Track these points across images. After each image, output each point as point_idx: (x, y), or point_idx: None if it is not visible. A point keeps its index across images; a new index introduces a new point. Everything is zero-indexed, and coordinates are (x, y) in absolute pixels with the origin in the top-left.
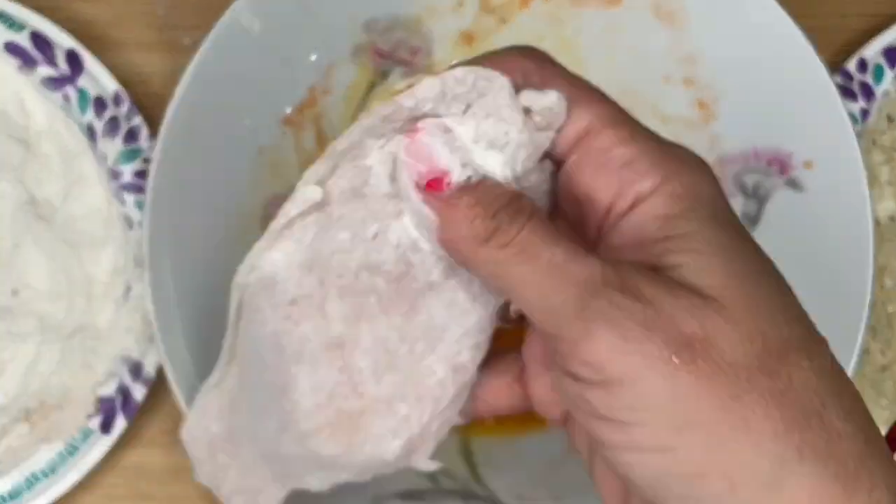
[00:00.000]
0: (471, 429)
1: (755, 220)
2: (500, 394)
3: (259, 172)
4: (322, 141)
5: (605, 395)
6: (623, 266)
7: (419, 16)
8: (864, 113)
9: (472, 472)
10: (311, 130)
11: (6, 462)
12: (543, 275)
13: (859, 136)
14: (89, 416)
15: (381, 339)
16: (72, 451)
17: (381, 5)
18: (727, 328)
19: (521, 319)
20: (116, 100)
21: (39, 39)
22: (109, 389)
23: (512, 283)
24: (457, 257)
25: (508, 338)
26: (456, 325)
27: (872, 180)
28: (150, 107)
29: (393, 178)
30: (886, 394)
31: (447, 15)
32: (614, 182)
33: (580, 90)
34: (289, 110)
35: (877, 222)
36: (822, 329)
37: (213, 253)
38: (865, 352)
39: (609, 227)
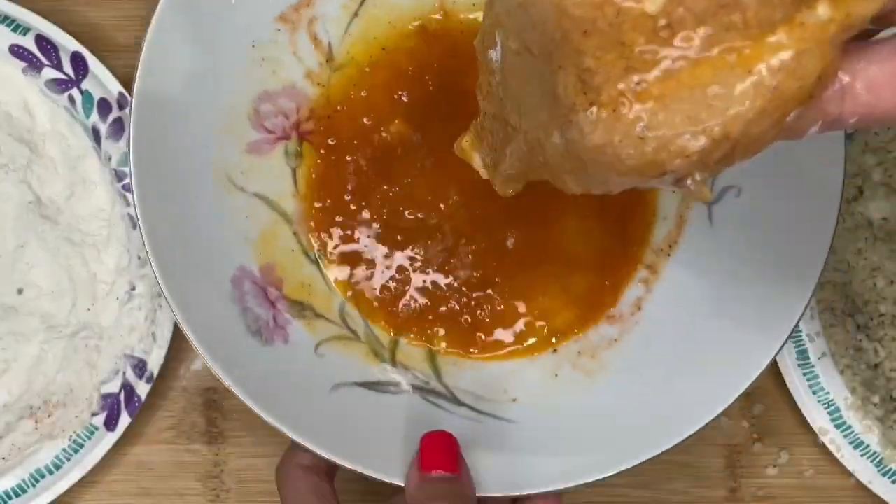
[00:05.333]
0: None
1: None
2: (883, 87)
3: (250, 67)
4: (317, 43)
5: None
6: None
7: None
8: None
9: (435, 373)
10: (306, 31)
11: (11, 459)
12: None
13: (852, 138)
14: (93, 414)
15: None
16: (76, 447)
17: None
18: None
19: None
20: (120, 102)
21: (44, 42)
22: (113, 387)
23: None
24: None
25: None
26: None
27: (865, 181)
28: None
29: None
30: (879, 391)
31: None
32: None
33: None
34: (285, 7)
35: (869, 222)
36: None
37: (201, 144)
38: (859, 350)
39: None
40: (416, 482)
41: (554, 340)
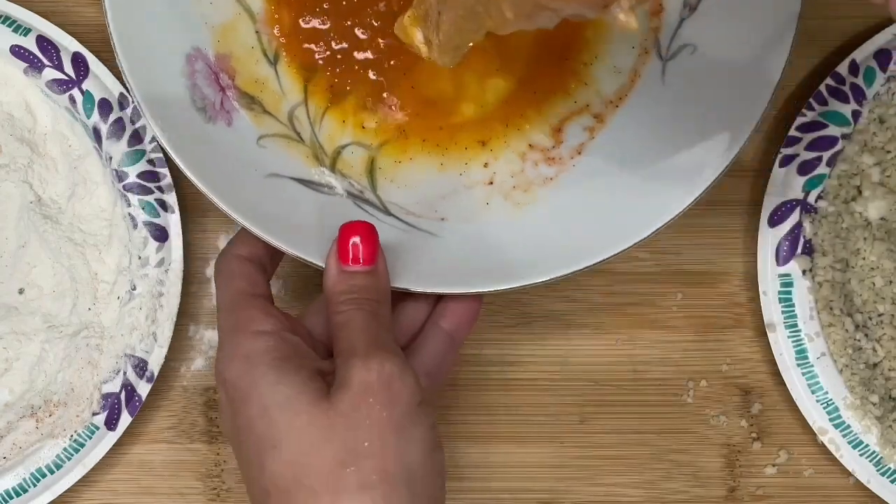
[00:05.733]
0: (382, 148)
1: (694, 7)
2: None
3: None
4: None
5: None
6: None
7: None
8: (856, 115)
9: (371, 185)
10: None
11: (12, 458)
12: None
13: (850, 138)
14: (94, 413)
15: None
16: (77, 447)
17: None
18: None
19: None
20: (121, 102)
21: (45, 43)
22: (114, 386)
23: None
24: None
25: None
26: None
27: (863, 181)
28: None
29: None
30: (877, 390)
31: None
32: None
33: None
34: None
35: (867, 222)
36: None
37: None
38: (857, 349)
39: None
40: (333, 274)
41: (489, 154)
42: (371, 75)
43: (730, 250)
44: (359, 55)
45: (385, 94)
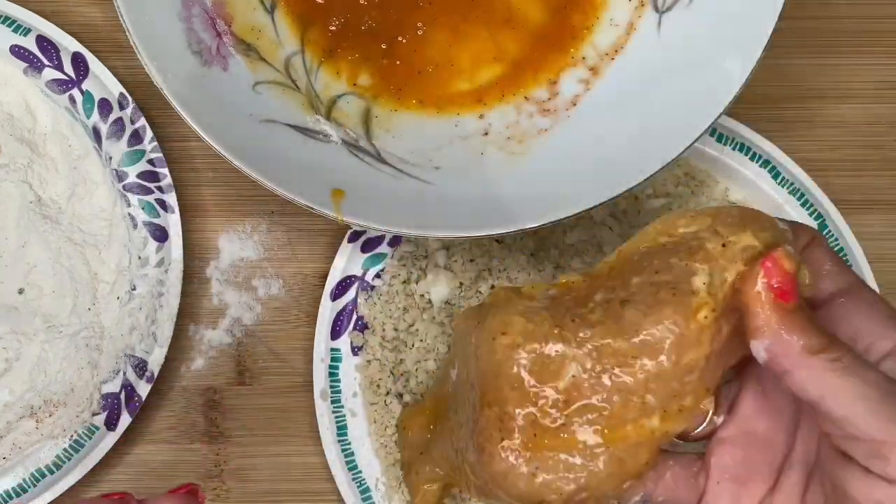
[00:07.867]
0: (378, 99)
1: None
2: (680, 483)
3: None
4: None
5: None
6: None
7: None
8: None
9: (367, 133)
10: None
11: (12, 458)
12: (866, 388)
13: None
14: (94, 413)
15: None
16: (77, 447)
17: None
18: None
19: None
20: (121, 102)
21: (45, 43)
22: (113, 387)
23: (826, 392)
24: (777, 366)
25: None
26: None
27: (429, 263)
28: (154, 109)
29: None
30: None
31: None
32: (882, 327)
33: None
34: None
35: (429, 304)
36: None
37: None
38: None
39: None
40: None
41: (483, 104)
42: (369, 33)
43: None
44: (358, 14)
45: (383, 53)
